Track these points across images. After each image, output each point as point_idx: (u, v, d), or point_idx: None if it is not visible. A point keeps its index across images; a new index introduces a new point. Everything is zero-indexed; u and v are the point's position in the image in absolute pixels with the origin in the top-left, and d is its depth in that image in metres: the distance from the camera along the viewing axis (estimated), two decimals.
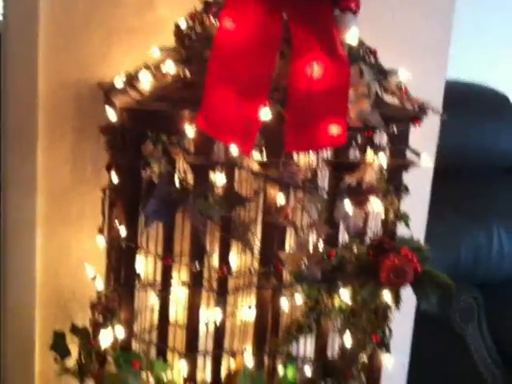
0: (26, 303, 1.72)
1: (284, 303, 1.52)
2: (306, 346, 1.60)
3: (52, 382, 1.70)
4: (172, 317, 1.62)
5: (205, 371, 1.58)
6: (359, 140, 1.35)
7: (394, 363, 1.53)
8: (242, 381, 1.46)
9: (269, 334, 1.56)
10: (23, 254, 1.69)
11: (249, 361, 1.54)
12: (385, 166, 1.36)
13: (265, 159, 1.34)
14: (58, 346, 1.57)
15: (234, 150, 1.30)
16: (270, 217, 1.39)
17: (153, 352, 1.56)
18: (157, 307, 1.61)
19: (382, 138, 1.40)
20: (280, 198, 1.36)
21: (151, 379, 1.44)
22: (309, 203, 1.34)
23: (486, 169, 2.72)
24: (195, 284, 1.44)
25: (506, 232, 2.60)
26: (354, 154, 1.42)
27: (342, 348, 1.53)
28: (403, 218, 1.42)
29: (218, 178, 1.38)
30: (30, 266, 1.69)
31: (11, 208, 1.68)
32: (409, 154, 1.43)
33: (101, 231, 1.57)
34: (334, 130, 1.26)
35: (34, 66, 1.58)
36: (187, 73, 1.31)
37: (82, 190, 1.68)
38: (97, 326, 1.49)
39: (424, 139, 1.46)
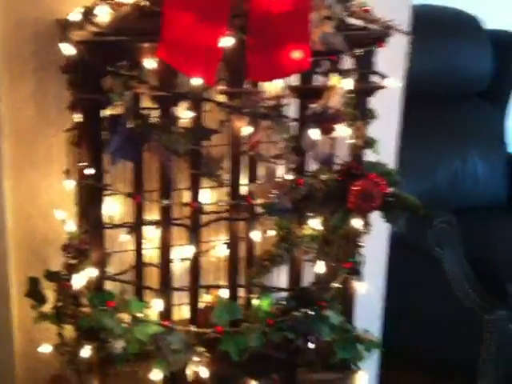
0: None
1: (256, 235, 1.53)
2: (280, 277, 1.62)
3: (31, 328, 1.71)
4: (146, 256, 1.64)
5: (181, 308, 1.60)
6: (324, 65, 1.33)
7: (370, 289, 1.56)
8: (218, 313, 1.47)
9: (243, 266, 1.57)
10: None
11: (224, 294, 1.55)
12: (350, 91, 1.34)
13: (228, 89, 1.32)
14: (34, 292, 1.57)
15: (197, 80, 1.27)
16: (237, 149, 1.38)
17: (130, 292, 1.58)
18: (130, 247, 1.62)
19: (347, 62, 1.38)
20: (246, 129, 1.35)
21: (127, 318, 1.44)
22: (275, 132, 1.33)
23: (459, 93, 2.71)
24: (166, 221, 1.44)
25: (480, 157, 2.61)
26: (318, 79, 1.41)
27: (316, 277, 1.55)
28: (371, 143, 1.41)
29: (182, 111, 1.37)
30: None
31: None
32: (376, 78, 1.42)
33: (67, 173, 1.56)
34: (297, 54, 1.24)
35: None
36: (146, 2, 1.27)
37: (47, 132, 1.65)
38: (70, 269, 1.49)
39: (392, 63, 1.44)
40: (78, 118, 1.45)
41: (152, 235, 1.63)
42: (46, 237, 1.72)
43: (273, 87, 1.36)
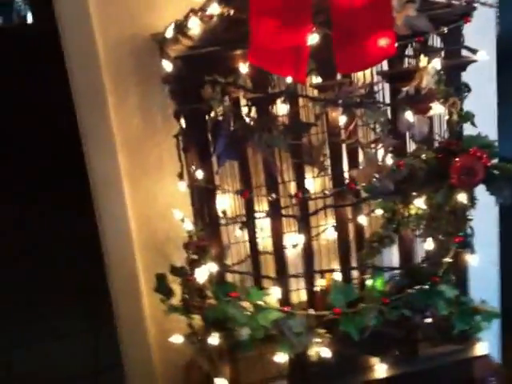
0: (127, 252, 1.84)
1: (362, 219, 1.56)
2: (392, 256, 1.65)
3: (161, 320, 1.83)
4: (261, 246, 1.71)
5: (298, 292, 1.66)
6: (411, 47, 1.34)
7: (483, 260, 1.55)
8: (334, 295, 1.52)
9: (354, 248, 1.61)
10: (115, 206, 1.80)
11: (338, 276, 1.60)
12: (441, 69, 1.34)
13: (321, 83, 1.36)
14: (162, 287, 1.67)
15: (288, 79, 1.32)
16: (335, 138, 1.42)
17: (249, 282, 1.66)
18: (245, 239, 1.69)
19: (435, 39, 1.38)
20: (341, 119, 1.38)
21: (249, 306, 1.52)
22: (370, 119, 1.35)
23: None
24: (275, 213, 1.50)
25: None
26: (408, 62, 1.41)
27: (427, 253, 1.57)
28: (467, 117, 1.41)
29: (279, 109, 1.42)
30: (123, 216, 1.81)
31: (96, 166, 1.78)
32: (466, 52, 1.41)
33: (180, 176, 1.65)
34: (383, 42, 1.26)
35: (89, 30, 1.65)
36: (231, 11, 1.33)
37: (156, 140, 1.76)
38: (193, 264, 1.57)
39: (481, 31, 1.42)
40: (183, 124, 1.55)
41: (264, 225, 1.70)
42: (167, 236, 1.84)
43: (363, 75, 1.38)
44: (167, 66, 1.41)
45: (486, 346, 1.62)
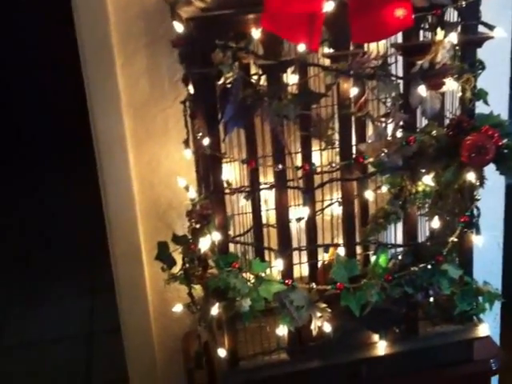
0: (129, 217, 1.82)
1: (369, 194, 1.54)
2: (396, 233, 1.63)
3: (162, 289, 1.83)
4: (264, 217, 1.69)
5: (300, 266, 1.65)
6: (428, 20, 1.31)
7: (487, 241, 1.54)
8: (336, 270, 1.51)
9: (358, 224, 1.60)
10: (119, 168, 1.78)
11: (341, 251, 1.59)
12: (457, 44, 1.32)
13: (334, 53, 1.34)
14: (163, 255, 1.66)
15: (301, 47, 1.30)
16: (345, 110, 1.39)
17: (251, 253, 1.64)
18: (249, 209, 1.68)
19: (452, 14, 1.35)
20: (353, 91, 1.36)
21: (251, 277, 1.51)
22: (382, 92, 1.33)
23: None
24: (281, 184, 1.48)
25: None
26: (424, 35, 1.39)
27: (432, 232, 1.55)
28: (481, 95, 1.38)
29: (290, 77, 1.39)
30: (126, 180, 1.78)
31: (101, 128, 1.76)
32: (482, 29, 1.38)
33: (186, 143, 1.63)
34: (400, 12, 1.23)
35: None
36: None
37: (162, 104, 1.74)
38: (195, 233, 1.56)
39: (500, 7, 1.39)
40: (191, 90, 1.52)
41: (269, 197, 1.68)
42: (170, 203, 1.82)
43: (377, 47, 1.36)
44: (178, 27, 1.38)
45: (487, 327, 1.61)
